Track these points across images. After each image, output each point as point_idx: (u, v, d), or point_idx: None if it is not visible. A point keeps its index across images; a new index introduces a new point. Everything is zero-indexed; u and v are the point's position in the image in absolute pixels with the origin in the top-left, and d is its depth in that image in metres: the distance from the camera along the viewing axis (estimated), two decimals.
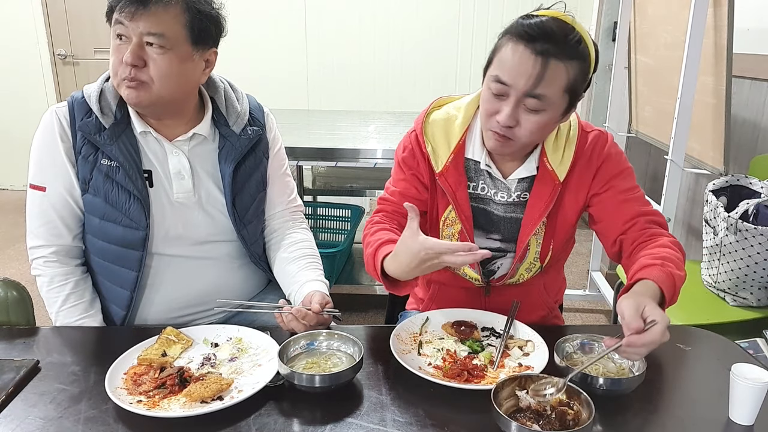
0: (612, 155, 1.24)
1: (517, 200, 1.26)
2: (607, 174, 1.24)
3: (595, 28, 4.01)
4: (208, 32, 1.23)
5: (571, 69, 1.06)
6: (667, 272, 1.07)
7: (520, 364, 1.10)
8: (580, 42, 1.06)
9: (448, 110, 1.29)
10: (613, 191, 1.23)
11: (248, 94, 1.43)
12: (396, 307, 1.60)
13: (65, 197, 1.27)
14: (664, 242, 1.16)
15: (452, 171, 1.25)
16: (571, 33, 1.05)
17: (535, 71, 1.04)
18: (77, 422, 0.94)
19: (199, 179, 1.32)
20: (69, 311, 1.28)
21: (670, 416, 0.98)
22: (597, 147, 1.24)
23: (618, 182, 1.24)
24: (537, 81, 1.05)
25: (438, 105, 1.32)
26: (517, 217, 1.27)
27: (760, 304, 1.87)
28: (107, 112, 1.25)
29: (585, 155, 1.24)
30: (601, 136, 1.26)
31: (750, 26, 2.29)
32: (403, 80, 4.58)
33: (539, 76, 1.04)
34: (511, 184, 1.25)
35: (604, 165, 1.24)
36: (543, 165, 1.22)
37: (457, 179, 1.25)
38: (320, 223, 3.25)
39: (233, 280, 1.40)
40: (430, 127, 1.27)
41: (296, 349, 1.11)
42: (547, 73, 1.04)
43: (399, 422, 0.94)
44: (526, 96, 1.07)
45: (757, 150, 2.26)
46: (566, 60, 1.05)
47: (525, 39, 1.04)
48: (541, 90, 1.06)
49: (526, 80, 1.05)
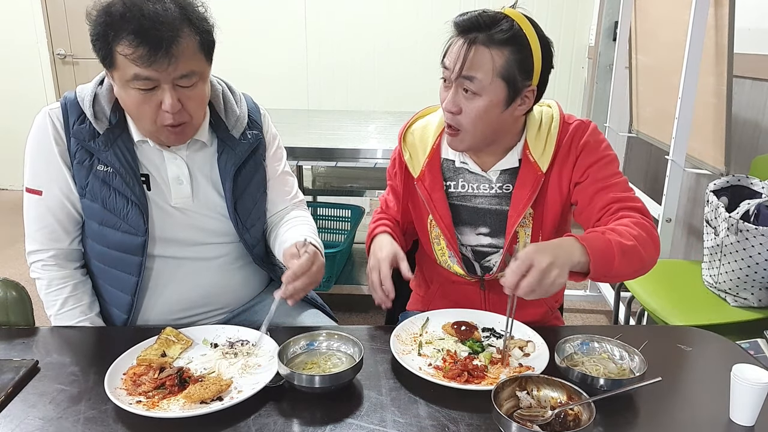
0: (590, 143, 1.25)
1: (501, 192, 1.30)
2: (585, 162, 1.25)
3: (595, 28, 4.01)
4: (213, 45, 1.21)
5: (497, 55, 1.15)
6: (600, 236, 1.09)
7: (520, 365, 1.10)
8: (509, 31, 1.15)
9: (429, 118, 1.39)
10: (590, 179, 1.24)
11: (244, 93, 1.41)
12: (396, 308, 1.59)
13: (62, 201, 1.26)
14: (622, 220, 1.16)
15: (427, 175, 1.32)
16: (501, 23, 1.15)
17: (462, 54, 1.16)
18: (77, 422, 0.93)
19: (198, 185, 1.31)
20: (67, 314, 1.28)
21: (671, 417, 0.97)
22: (576, 136, 1.26)
23: (595, 171, 1.24)
24: (463, 63, 1.16)
25: (422, 115, 1.41)
26: (503, 210, 1.30)
27: (761, 304, 1.87)
28: (101, 117, 1.23)
29: (566, 146, 1.26)
30: (581, 125, 1.27)
31: (751, 26, 2.29)
32: (403, 80, 4.58)
33: (464, 58, 1.16)
34: (492, 176, 1.30)
35: (583, 153, 1.25)
36: (525, 157, 1.27)
37: (432, 182, 1.32)
38: (320, 224, 3.25)
39: (234, 281, 1.39)
40: (410, 135, 1.38)
41: (296, 350, 1.10)
42: (470, 56, 1.16)
43: (399, 423, 0.94)
44: (461, 78, 1.17)
45: (758, 150, 2.26)
46: (492, 46, 1.15)
47: (458, 30, 1.19)
48: (470, 72, 1.16)
49: (458, 64, 1.17)
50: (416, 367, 1.07)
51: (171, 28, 1.09)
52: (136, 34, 1.07)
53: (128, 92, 1.14)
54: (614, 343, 1.09)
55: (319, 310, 1.47)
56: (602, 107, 3.60)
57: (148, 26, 1.07)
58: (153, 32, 1.07)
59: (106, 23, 1.09)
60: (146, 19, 1.07)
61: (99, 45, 1.11)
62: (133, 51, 1.08)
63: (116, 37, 1.08)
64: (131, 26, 1.07)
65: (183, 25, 1.11)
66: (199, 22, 1.15)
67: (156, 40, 1.07)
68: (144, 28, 1.07)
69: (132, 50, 1.08)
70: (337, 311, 1.80)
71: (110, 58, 1.11)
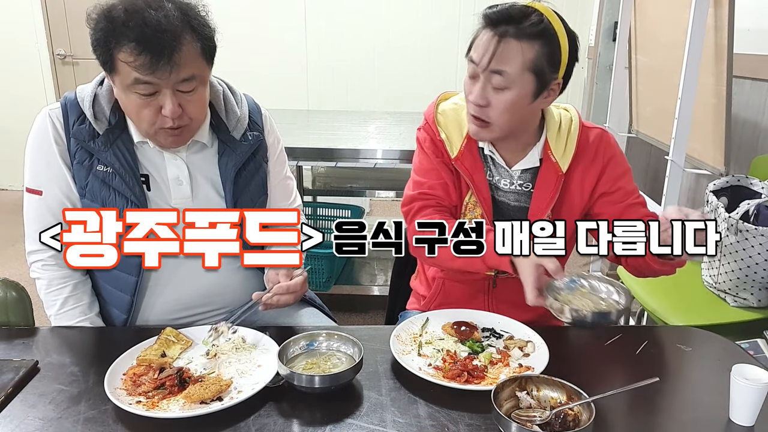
0: (617, 155, 1.30)
1: (521, 189, 1.30)
2: (614, 174, 1.29)
3: (595, 28, 4.01)
4: (215, 49, 1.20)
5: (527, 48, 1.15)
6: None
7: (520, 365, 1.10)
8: (539, 25, 1.15)
9: (455, 101, 1.37)
10: (621, 193, 1.28)
11: (245, 94, 1.41)
12: (396, 308, 1.60)
13: (62, 200, 1.26)
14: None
15: (467, 155, 1.31)
16: (531, 17, 1.15)
17: (491, 48, 1.16)
18: (76, 423, 0.93)
19: (198, 185, 1.31)
20: (67, 314, 1.28)
21: (671, 417, 0.97)
22: (602, 145, 1.29)
23: (624, 184, 1.29)
24: (492, 56, 1.16)
25: (445, 98, 1.39)
26: (522, 207, 1.31)
27: (760, 304, 1.87)
28: (101, 118, 1.23)
29: (589, 151, 1.28)
30: (605, 135, 1.31)
31: (750, 26, 2.29)
32: (403, 80, 4.58)
33: (494, 52, 1.15)
34: (514, 174, 1.31)
35: (611, 164, 1.29)
36: (546, 156, 1.28)
37: (473, 163, 1.31)
38: (320, 224, 3.24)
39: (234, 281, 1.39)
40: (441, 116, 1.34)
41: (296, 350, 1.10)
42: (501, 49, 1.15)
43: (399, 423, 0.94)
44: (490, 72, 1.17)
45: (758, 150, 2.26)
46: (522, 39, 1.15)
47: (488, 23, 1.18)
48: (500, 66, 1.16)
49: (487, 57, 1.16)
50: (416, 368, 1.07)
51: (173, 36, 1.08)
52: (137, 42, 1.06)
53: (129, 96, 1.14)
54: (601, 279, 1.14)
55: (319, 310, 1.47)
56: (602, 107, 3.60)
57: (150, 34, 1.06)
58: (155, 41, 1.06)
59: (107, 29, 1.08)
60: (148, 27, 1.06)
61: (100, 50, 1.11)
62: (135, 59, 1.07)
63: (117, 45, 1.08)
64: (133, 34, 1.06)
65: (185, 32, 1.11)
66: (200, 28, 1.14)
67: (158, 48, 1.07)
68: (146, 36, 1.06)
69: (134, 58, 1.07)
70: (337, 311, 1.80)
71: (111, 63, 1.11)
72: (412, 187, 1.35)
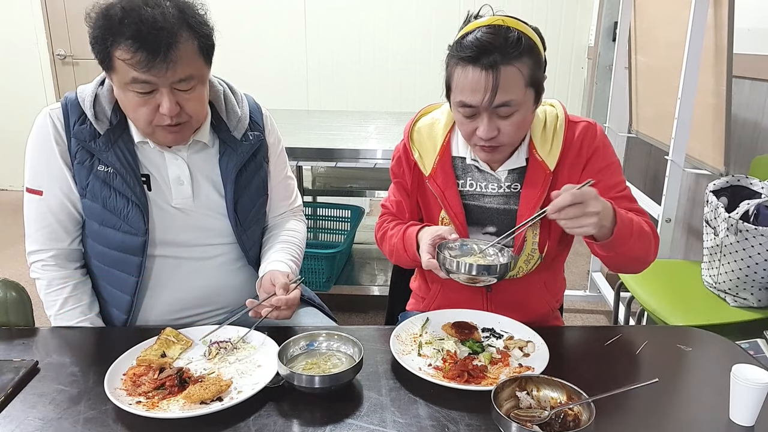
0: (600, 148, 1.27)
1: (509, 191, 1.29)
2: (595, 167, 1.26)
3: (595, 28, 4.01)
4: (213, 48, 1.20)
5: (523, 67, 1.12)
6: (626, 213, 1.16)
7: (520, 365, 1.10)
8: (520, 39, 1.11)
9: (434, 115, 1.37)
10: (601, 186, 1.24)
11: (246, 94, 1.41)
12: (396, 308, 1.60)
13: (63, 201, 1.26)
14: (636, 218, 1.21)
15: (439, 172, 1.31)
16: (508, 35, 1.11)
17: (491, 84, 1.10)
18: (76, 423, 0.93)
19: (199, 185, 1.31)
20: (67, 314, 1.28)
21: (671, 417, 0.97)
22: (587, 139, 1.27)
23: (606, 176, 1.26)
24: (495, 92, 1.11)
25: (425, 112, 1.40)
26: (511, 209, 1.29)
27: (760, 304, 1.87)
28: (102, 118, 1.23)
29: (575, 146, 1.26)
30: (590, 127, 1.28)
31: (750, 26, 2.29)
32: (403, 80, 4.58)
33: (496, 87, 1.10)
34: (500, 176, 1.29)
35: (594, 157, 1.27)
36: (532, 156, 1.26)
37: (444, 180, 1.31)
38: (320, 224, 3.25)
39: (233, 282, 1.39)
40: (416, 134, 1.35)
41: (296, 350, 1.10)
42: (501, 81, 1.10)
43: (399, 423, 0.94)
44: (495, 107, 1.13)
45: (758, 150, 2.26)
46: (515, 61, 1.11)
47: (469, 60, 1.12)
48: (505, 97, 1.12)
49: (488, 96, 1.11)
50: (416, 368, 1.07)
51: (169, 33, 1.08)
52: (134, 39, 1.07)
53: (126, 94, 1.14)
54: (491, 245, 1.21)
55: (318, 310, 1.47)
56: (602, 107, 3.60)
57: (146, 31, 1.06)
58: (151, 38, 1.07)
59: (104, 27, 1.09)
60: (144, 24, 1.06)
61: (97, 48, 1.11)
62: (131, 56, 1.08)
63: (114, 42, 1.08)
64: (129, 31, 1.07)
65: (182, 30, 1.11)
66: (198, 26, 1.14)
67: (154, 45, 1.07)
68: (142, 33, 1.06)
69: (130, 55, 1.08)
70: (337, 311, 1.80)
71: (108, 61, 1.11)
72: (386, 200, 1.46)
